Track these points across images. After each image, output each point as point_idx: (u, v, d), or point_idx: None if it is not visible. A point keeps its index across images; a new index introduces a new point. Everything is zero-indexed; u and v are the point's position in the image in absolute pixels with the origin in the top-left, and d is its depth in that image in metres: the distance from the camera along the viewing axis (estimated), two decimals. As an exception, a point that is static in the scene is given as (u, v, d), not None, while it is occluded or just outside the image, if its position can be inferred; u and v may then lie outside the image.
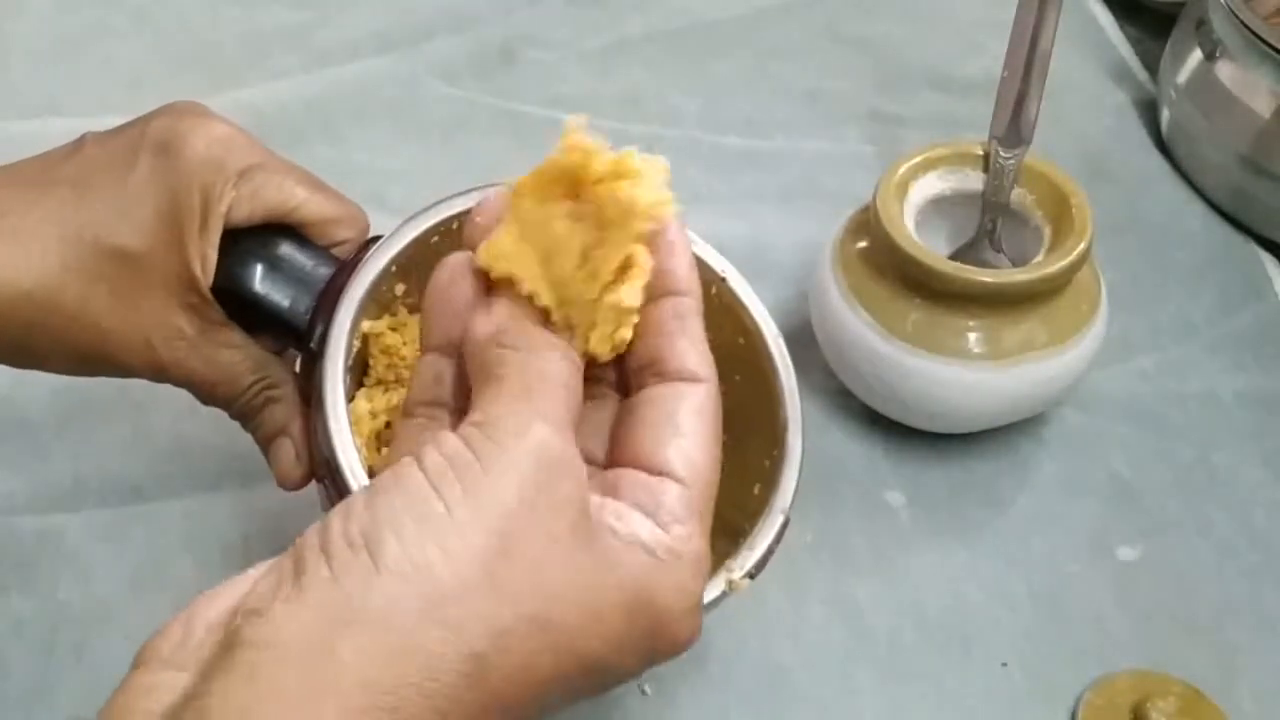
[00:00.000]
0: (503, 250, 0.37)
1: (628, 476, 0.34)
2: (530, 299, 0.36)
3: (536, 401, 0.32)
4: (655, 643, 0.33)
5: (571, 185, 0.37)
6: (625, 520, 0.33)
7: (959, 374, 0.57)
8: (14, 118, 0.73)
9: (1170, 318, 0.68)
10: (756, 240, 0.69)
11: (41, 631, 0.53)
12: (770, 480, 0.47)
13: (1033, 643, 0.55)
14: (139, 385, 0.61)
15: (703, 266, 0.49)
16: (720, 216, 0.70)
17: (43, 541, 0.56)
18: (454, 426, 0.34)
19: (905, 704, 0.54)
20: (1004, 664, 0.55)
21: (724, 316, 0.50)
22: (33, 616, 0.54)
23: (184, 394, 0.60)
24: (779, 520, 0.46)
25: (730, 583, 0.44)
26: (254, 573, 0.31)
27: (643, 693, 0.53)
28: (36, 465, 0.58)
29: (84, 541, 0.56)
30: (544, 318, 0.36)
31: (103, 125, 0.46)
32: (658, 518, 0.33)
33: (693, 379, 0.36)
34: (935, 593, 0.57)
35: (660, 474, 0.34)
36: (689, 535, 0.33)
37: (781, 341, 0.49)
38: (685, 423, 0.35)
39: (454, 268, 0.37)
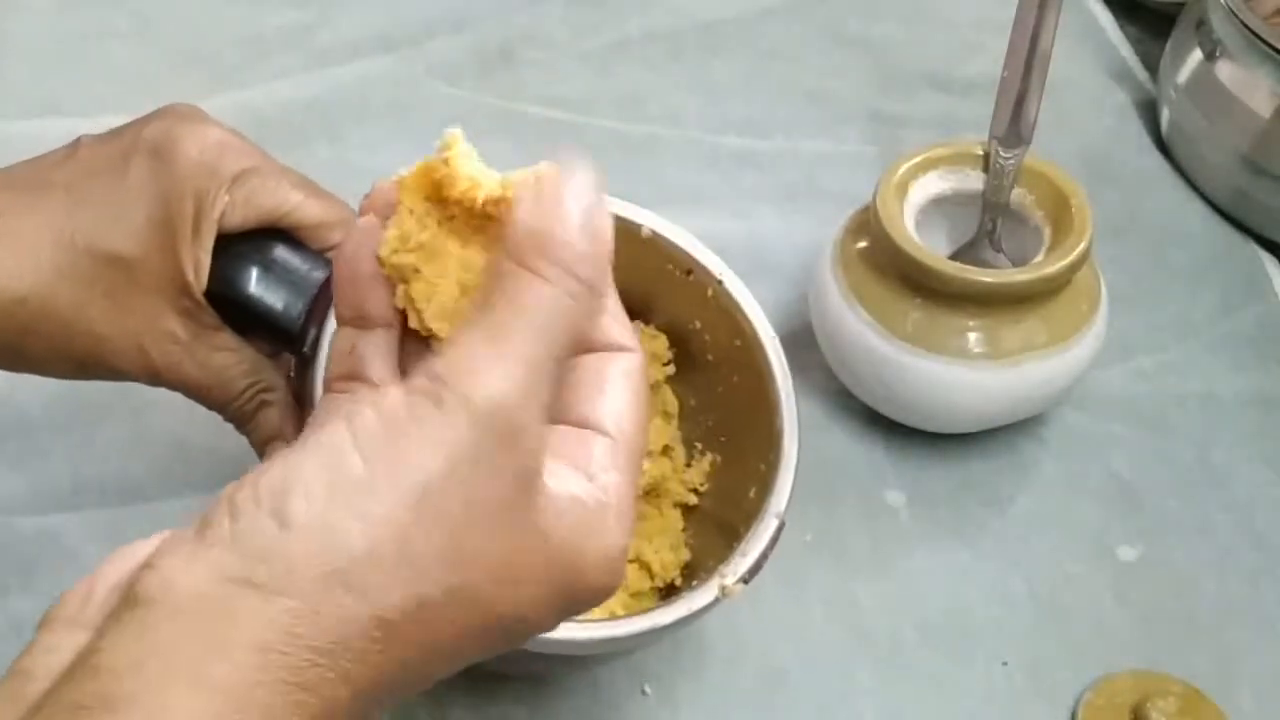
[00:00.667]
0: (392, 253, 0.36)
1: (557, 432, 0.33)
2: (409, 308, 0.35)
3: (504, 346, 0.30)
4: (574, 593, 0.32)
5: (442, 194, 0.35)
6: (559, 478, 0.32)
7: (959, 374, 0.57)
8: (14, 117, 0.73)
9: (1170, 318, 0.68)
10: (756, 240, 0.69)
11: (41, 632, 0.53)
12: (765, 485, 0.47)
13: (1033, 643, 0.55)
14: (138, 386, 0.61)
15: (700, 269, 0.49)
16: (720, 216, 0.70)
17: (43, 541, 0.56)
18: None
19: (905, 704, 0.54)
20: (1004, 664, 0.55)
21: (721, 319, 0.50)
22: (32, 617, 0.54)
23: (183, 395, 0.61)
24: (773, 525, 0.46)
25: (723, 588, 0.44)
26: (165, 533, 0.30)
27: (643, 693, 0.53)
28: (36, 465, 0.58)
29: (84, 541, 0.56)
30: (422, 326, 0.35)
31: (103, 125, 0.46)
32: (588, 470, 0.32)
33: (619, 348, 0.35)
34: (935, 593, 0.57)
35: (587, 428, 0.33)
36: (614, 485, 0.32)
37: (778, 344, 0.49)
38: (612, 384, 0.34)
39: (360, 237, 0.35)
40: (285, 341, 0.46)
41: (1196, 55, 0.72)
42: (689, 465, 0.52)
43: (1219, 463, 0.62)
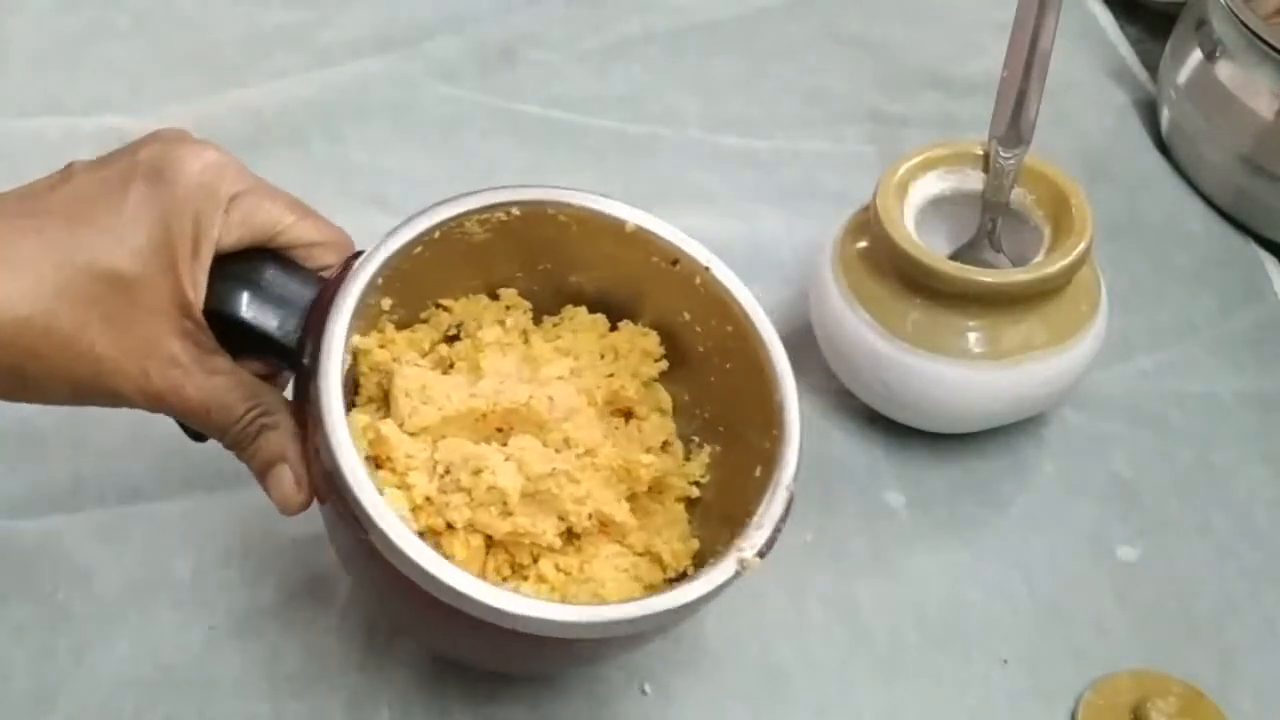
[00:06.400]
0: None
1: None
2: None
3: None
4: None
5: None
6: None
7: (959, 374, 0.57)
8: (14, 116, 0.73)
9: (1170, 318, 0.68)
10: (756, 240, 0.69)
11: (41, 635, 0.53)
12: (771, 460, 0.46)
13: (1033, 643, 0.55)
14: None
15: (685, 258, 0.50)
16: (720, 216, 0.70)
17: (42, 544, 0.56)
18: None
19: (905, 704, 0.54)
20: (1004, 663, 0.55)
21: (711, 306, 0.50)
22: (32, 620, 0.54)
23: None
24: (784, 496, 0.45)
25: (742, 562, 0.44)
26: None
27: (642, 692, 0.53)
28: (36, 466, 0.58)
29: (84, 542, 0.56)
30: None
31: (102, 125, 0.46)
32: None
33: None
34: (935, 593, 0.57)
35: None
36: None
37: (770, 324, 0.49)
38: None
39: None
40: (281, 359, 0.46)
41: (1196, 55, 0.72)
42: (688, 459, 0.52)
43: (1219, 463, 0.62)
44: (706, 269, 0.49)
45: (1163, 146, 0.76)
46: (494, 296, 0.52)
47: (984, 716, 0.53)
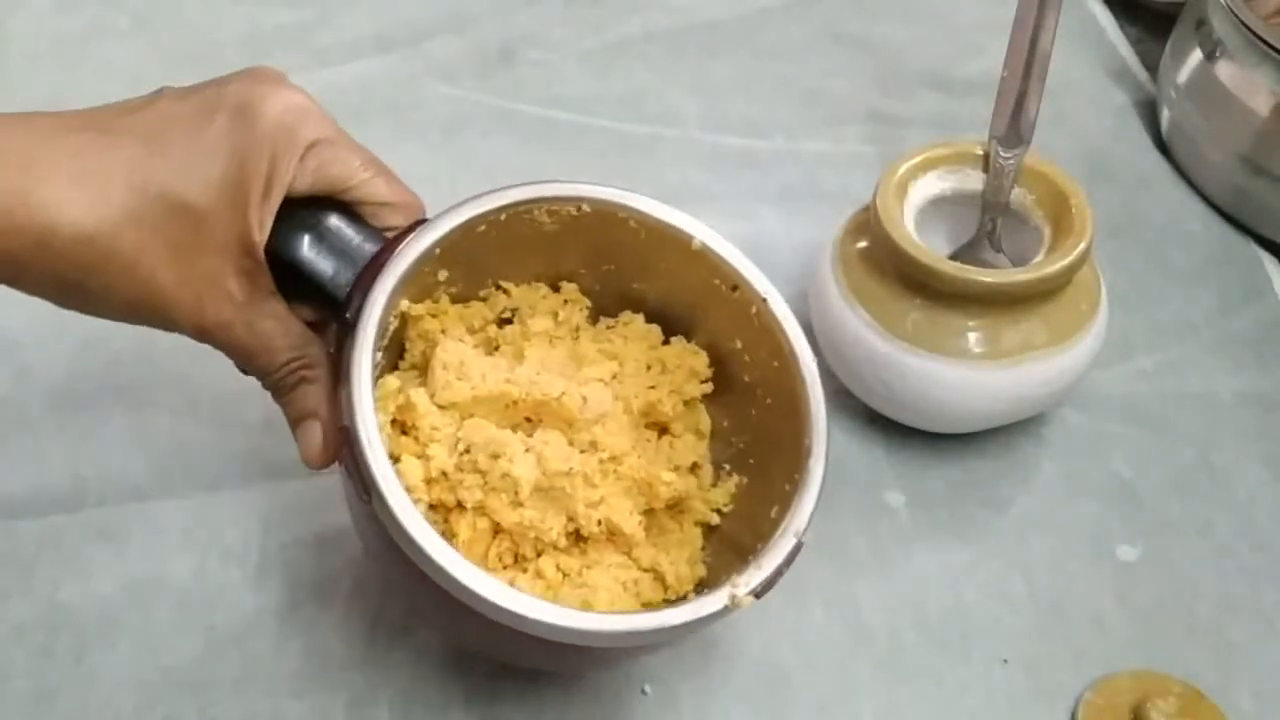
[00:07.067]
0: None
1: None
2: None
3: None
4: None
5: None
6: None
7: (959, 374, 0.57)
8: (14, 117, 0.73)
9: (1170, 318, 0.68)
10: (756, 240, 0.68)
11: (41, 635, 0.53)
12: (787, 504, 0.46)
13: (1033, 643, 0.55)
14: (138, 385, 0.61)
15: (745, 285, 0.49)
16: (720, 216, 0.69)
17: (42, 543, 0.56)
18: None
19: (905, 704, 0.54)
20: (1004, 663, 0.55)
21: (762, 337, 0.49)
22: (32, 620, 0.54)
23: (184, 394, 0.61)
24: (791, 543, 0.45)
25: (733, 598, 0.44)
26: None
27: (643, 693, 0.53)
28: (36, 466, 0.58)
29: (84, 542, 0.56)
30: None
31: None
32: None
33: None
34: (935, 593, 0.57)
35: None
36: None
37: (815, 366, 0.48)
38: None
39: None
40: (330, 309, 0.46)
41: (1196, 55, 0.72)
42: (714, 485, 0.51)
43: (1219, 463, 0.62)
44: (764, 300, 0.49)
45: (1163, 146, 0.76)
46: (555, 289, 0.52)
47: (984, 716, 0.53)
